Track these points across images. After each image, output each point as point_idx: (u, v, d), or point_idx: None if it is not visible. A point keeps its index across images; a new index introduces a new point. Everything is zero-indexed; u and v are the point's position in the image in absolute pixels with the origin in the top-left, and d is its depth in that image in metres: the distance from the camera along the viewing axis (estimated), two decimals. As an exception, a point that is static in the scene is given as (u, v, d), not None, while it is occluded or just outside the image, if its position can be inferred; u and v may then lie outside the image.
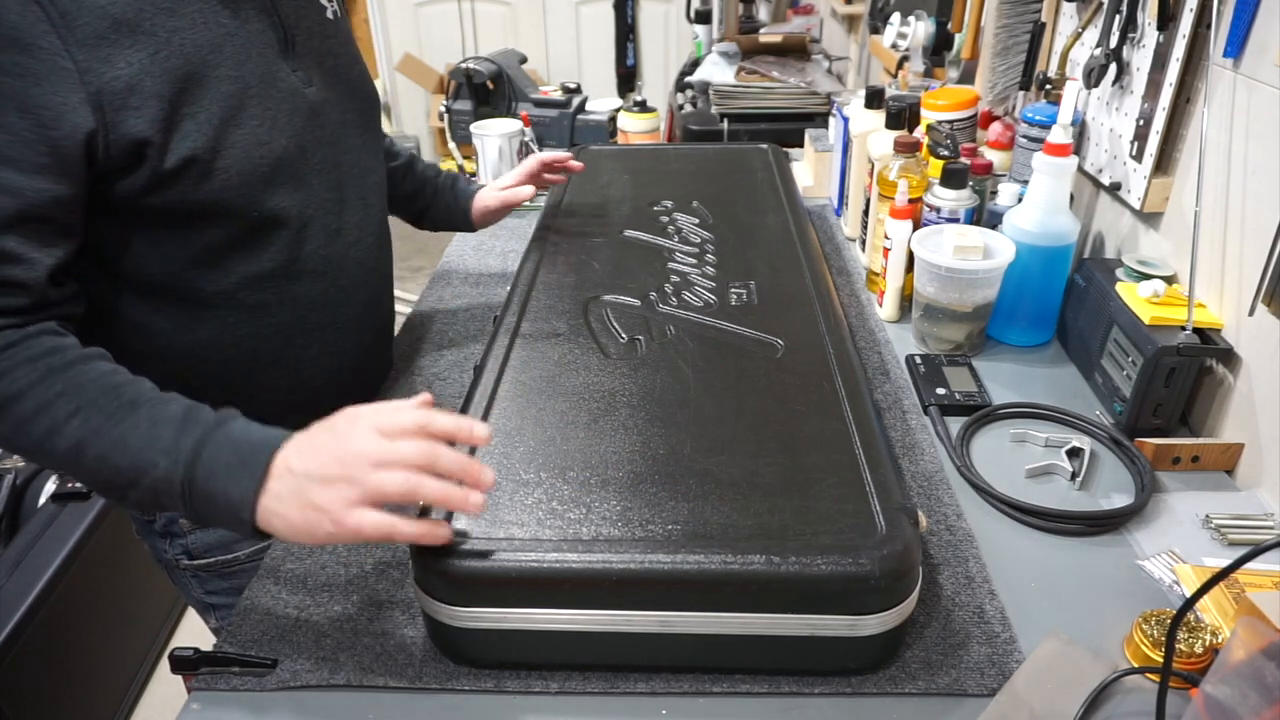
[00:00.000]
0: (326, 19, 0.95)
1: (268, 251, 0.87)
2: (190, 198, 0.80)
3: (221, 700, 0.69)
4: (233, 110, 0.80)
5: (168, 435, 0.67)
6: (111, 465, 0.68)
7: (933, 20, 1.88)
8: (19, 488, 1.76)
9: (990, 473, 0.92)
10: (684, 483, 0.73)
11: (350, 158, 0.95)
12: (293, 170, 0.86)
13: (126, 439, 0.68)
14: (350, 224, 0.95)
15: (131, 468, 0.67)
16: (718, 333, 0.95)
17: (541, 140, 1.74)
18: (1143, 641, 0.70)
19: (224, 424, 0.69)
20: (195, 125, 0.78)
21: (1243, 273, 0.92)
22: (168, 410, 0.69)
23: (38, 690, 1.56)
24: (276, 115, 0.84)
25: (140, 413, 0.69)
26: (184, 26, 0.77)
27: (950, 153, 1.22)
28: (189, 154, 0.78)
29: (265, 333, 0.90)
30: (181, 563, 1.01)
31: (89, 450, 0.68)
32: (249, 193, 0.83)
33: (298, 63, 0.88)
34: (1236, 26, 0.92)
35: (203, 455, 0.67)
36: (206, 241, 0.84)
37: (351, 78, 0.97)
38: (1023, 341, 1.17)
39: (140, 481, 0.67)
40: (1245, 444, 0.92)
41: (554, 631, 0.67)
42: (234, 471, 0.66)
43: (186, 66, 0.77)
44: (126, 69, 0.73)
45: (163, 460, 0.67)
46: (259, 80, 0.83)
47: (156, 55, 0.75)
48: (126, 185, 0.77)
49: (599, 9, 4.47)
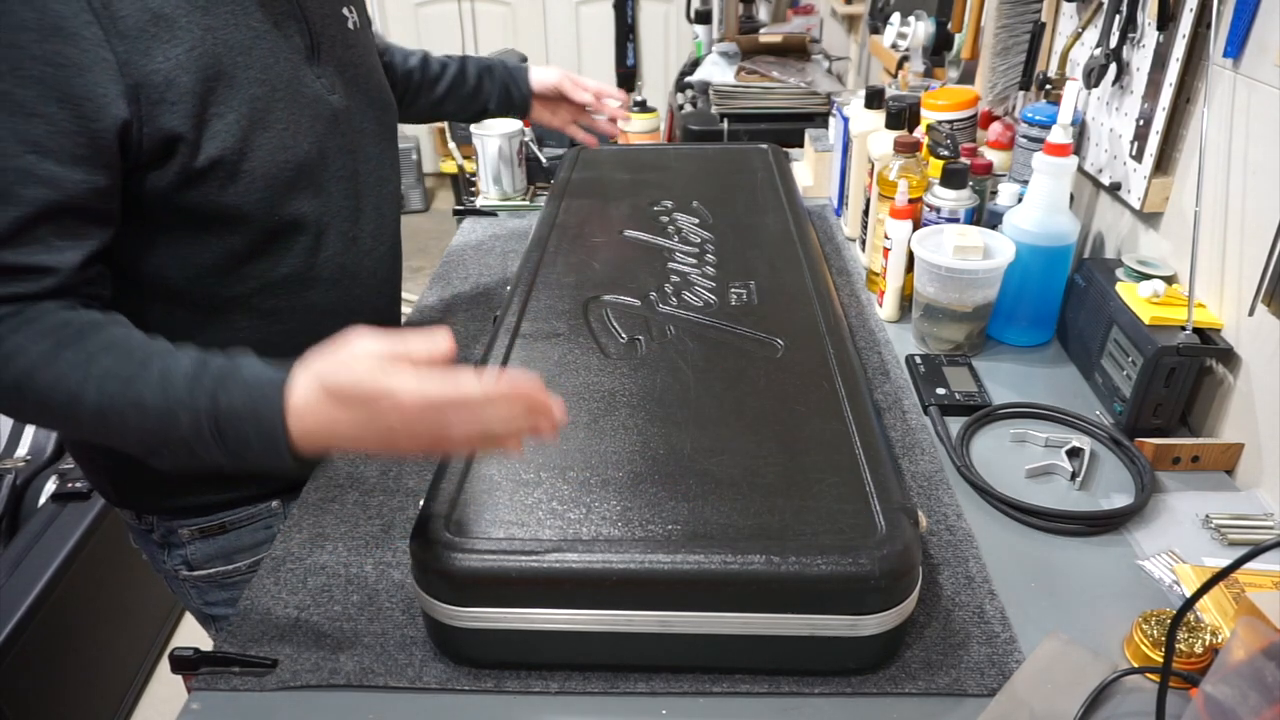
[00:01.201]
0: (348, 29, 0.95)
1: (285, 258, 0.87)
2: (215, 200, 0.80)
3: (221, 700, 0.69)
4: (260, 113, 0.81)
5: (182, 386, 0.66)
6: (136, 427, 0.67)
7: (933, 20, 1.88)
8: (19, 488, 1.76)
9: (990, 473, 0.92)
10: (684, 483, 0.73)
11: (368, 166, 0.95)
12: (313, 177, 0.87)
13: (144, 399, 0.66)
14: (366, 232, 0.95)
15: (158, 427, 0.66)
16: (718, 333, 0.95)
17: (541, 140, 1.74)
18: (1143, 641, 0.70)
19: (235, 360, 0.67)
20: (224, 125, 0.78)
21: (1243, 273, 0.92)
22: (180, 363, 0.67)
23: (38, 690, 1.56)
24: (300, 120, 0.85)
25: (152, 369, 0.67)
26: (218, 25, 0.78)
27: (950, 153, 1.22)
28: (217, 154, 0.78)
29: (274, 339, 0.90)
30: (181, 573, 1.00)
31: (111, 417, 0.67)
32: (271, 197, 0.83)
33: (322, 70, 0.89)
34: (1236, 26, 0.92)
35: (219, 396, 0.65)
36: (226, 246, 0.84)
37: (370, 87, 0.97)
38: (1023, 341, 1.17)
39: (170, 436, 0.66)
40: (1245, 444, 0.92)
41: (554, 631, 0.67)
42: (254, 397, 0.64)
43: (218, 65, 0.77)
44: (164, 63, 0.73)
45: (184, 413, 0.65)
46: (285, 85, 0.83)
47: (192, 52, 0.75)
48: (154, 182, 0.77)
49: (599, 9, 4.47)
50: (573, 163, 1.48)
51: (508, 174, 1.63)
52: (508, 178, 1.64)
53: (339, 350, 0.64)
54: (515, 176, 1.64)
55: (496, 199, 1.66)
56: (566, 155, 1.53)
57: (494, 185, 1.65)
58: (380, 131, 0.98)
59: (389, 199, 1.00)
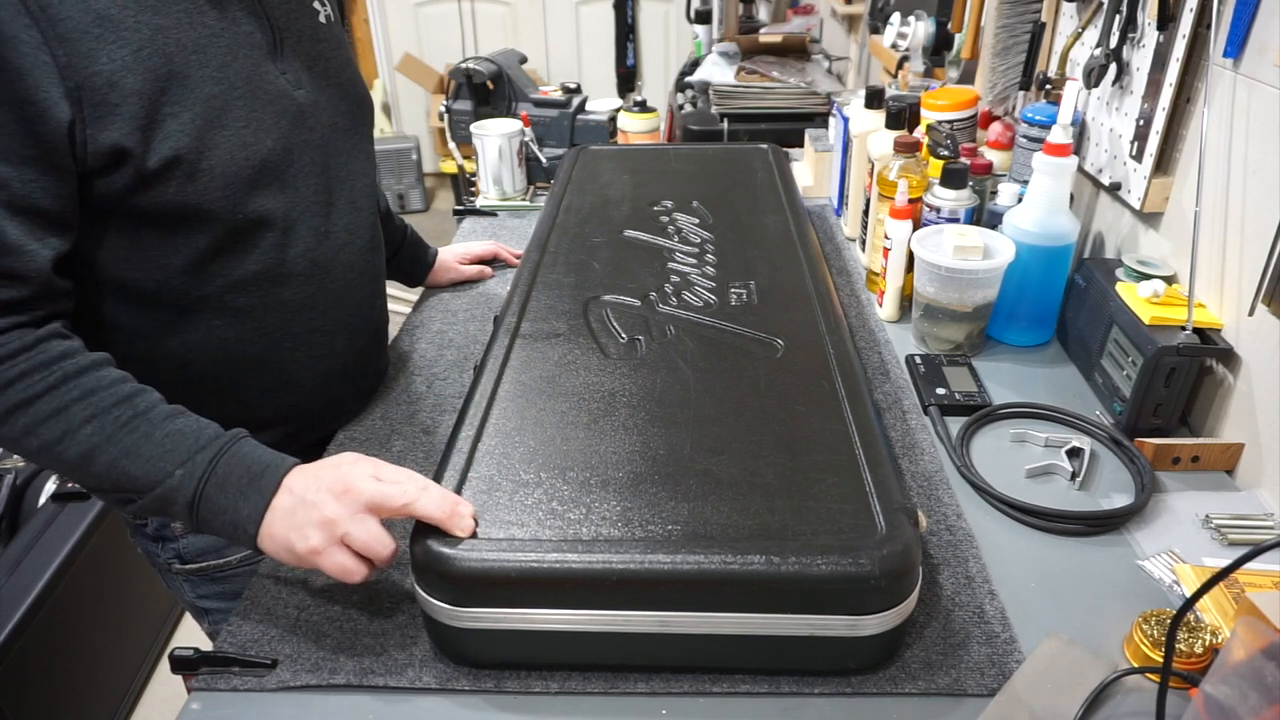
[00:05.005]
0: (319, 23, 0.94)
1: (253, 255, 0.87)
2: (174, 199, 0.79)
3: (221, 700, 0.69)
4: (216, 111, 0.80)
5: (184, 448, 0.73)
6: (123, 472, 0.73)
7: (933, 20, 1.88)
8: (19, 488, 1.76)
9: (990, 473, 0.92)
10: (684, 483, 0.73)
11: (339, 160, 0.94)
12: (277, 173, 0.86)
13: (140, 449, 0.73)
14: (339, 227, 0.94)
15: (146, 477, 0.72)
16: (718, 333, 0.95)
17: (541, 140, 1.74)
18: (1143, 641, 0.70)
19: (236, 441, 0.75)
20: (178, 125, 0.77)
21: (1243, 273, 0.92)
22: (179, 423, 0.74)
23: (38, 690, 1.56)
24: (263, 117, 0.84)
25: (154, 424, 0.74)
26: (168, 25, 0.77)
27: (950, 153, 1.22)
28: (172, 154, 0.77)
29: (251, 336, 0.90)
30: (174, 567, 1.00)
31: (101, 457, 0.73)
32: (233, 195, 0.82)
33: (286, 65, 0.88)
34: (1236, 26, 0.92)
35: (217, 469, 0.72)
36: (191, 245, 0.83)
37: (343, 81, 0.96)
38: (1023, 341, 1.17)
39: (153, 490, 0.72)
40: (1245, 444, 0.92)
41: (554, 631, 0.67)
42: (245, 490, 0.72)
43: (169, 65, 0.77)
44: (108, 65, 0.73)
45: (178, 472, 0.72)
46: (245, 82, 0.83)
47: (139, 53, 0.75)
48: (108, 185, 0.77)
49: (599, 9, 4.47)
50: (573, 163, 1.48)
51: (508, 174, 1.63)
52: (508, 178, 1.64)
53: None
54: (515, 176, 1.64)
55: (496, 199, 1.66)
56: (566, 155, 1.53)
57: (494, 185, 1.65)
58: (353, 125, 0.97)
59: (363, 193, 0.99)
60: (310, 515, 0.69)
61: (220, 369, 0.90)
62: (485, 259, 1.41)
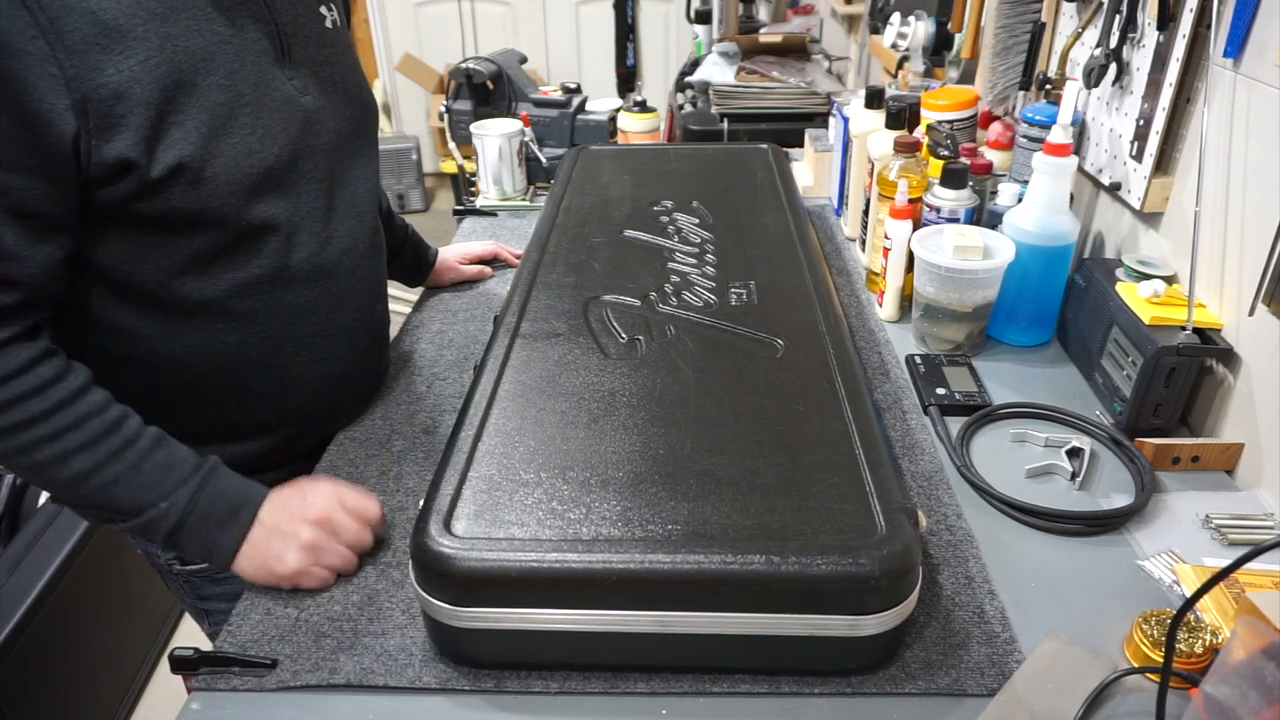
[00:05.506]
0: (325, 28, 0.94)
1: (256, 259, 0.87)
2: (178, 205, 0.79)
3: (221, 700, 0.69)
4: (222, 119, 0.80)
5: (169, 481, 0.79)
6: (109, 498, 0.78)
7: (933, 20, 1.88)
8: (19, 488, 1.76)
9: (990, 473, 0.92)
10: (684, 483, 0.73)
11: (343, 166, 0.94)
12: (282, 179, 0.86)
13: (129, 478, 0.78)
14: (341, 231, 0.94)
15: (132, 504, 0.78)
16: (718, 333, 0.95)
17: (541, 140, 1.74)
18: (1143, 641, 0.70)
19: (214, 473, 0.81)
20: (183, 134, 0.77)
21: (1243, 273, 0.92)
22: (161, 454, 0.80)
23: (38, 690, 1.56)
24: (270, 124, 0.84)
25: (141, 454, 0.79)
26: (177, 33, 0.77)
27: (950, 153, 1.22)
28: (176, 162, 0.77)
29: (252, 340, 0.90)
30: (174, 567, 1.00)
31: (90, 482, 0.77)
32: (237, 201, 0.82)
33: (294, 71, 0.88)
34: (1236, 26, 0.92)
35: (199, 504, 0.79)
36: (194, 249, 0.83)
37: (349, 86, 0.96)
38: (1023, 341, 1.17)
39: (137, 516, 0.79)
40: (1245, 444, 0.92)
41: (554, 631, 0.67)
42: (224, 523, 0.79)
43: (177, 74, 0.76)
44: (115, 75, 0.73)
45: (163, 503, 0.78)
46: (252, 89, 0.83)
47: (147, 62, 0.74)
48: (111, 193, 0.77)
49: (599, 9, 4.47)
50: (573, 163, 1.48)
51: (508, 174, 1.63)
52: (508, 178, 1.64)
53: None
54: (515, 176, 1.64)
55: (496, 199, 1.66)
56: (566, 155, 1.53)
57: (494, 185, 1.65)
58: (357, 130, 0.97)
59: (365, 197, 0.99)
60: (287, 542, 0.78)
61: (221, 372, 0.90)
62: (485, 259, 1.41)
